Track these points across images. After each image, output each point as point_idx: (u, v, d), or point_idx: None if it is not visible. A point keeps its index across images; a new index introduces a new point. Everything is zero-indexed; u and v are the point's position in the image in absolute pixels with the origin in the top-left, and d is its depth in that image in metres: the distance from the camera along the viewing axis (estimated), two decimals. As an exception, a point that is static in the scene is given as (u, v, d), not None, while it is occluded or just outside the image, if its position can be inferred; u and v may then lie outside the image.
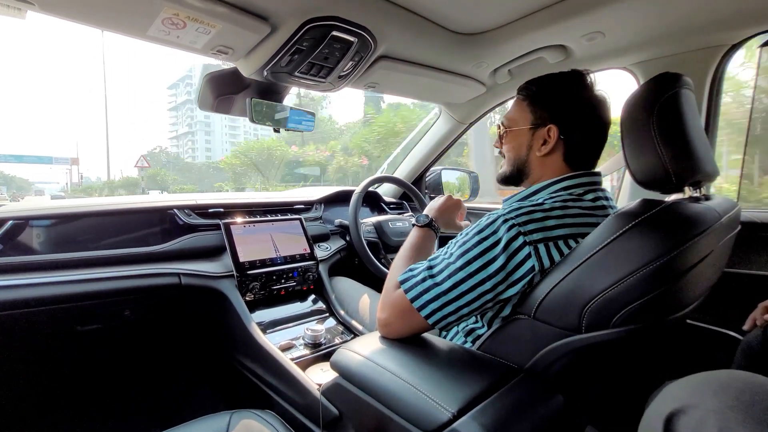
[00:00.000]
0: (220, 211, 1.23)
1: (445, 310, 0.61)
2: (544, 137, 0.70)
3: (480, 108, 1.51)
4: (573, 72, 0.71)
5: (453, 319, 0.62)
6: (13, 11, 0.68)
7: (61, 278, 0.92)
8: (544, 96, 0.71)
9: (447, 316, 0.62)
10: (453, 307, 0.61)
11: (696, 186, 0.64)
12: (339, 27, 0.83)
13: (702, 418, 0.30)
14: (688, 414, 0.32)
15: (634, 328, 0.52)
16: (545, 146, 0.70)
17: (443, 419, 0.50)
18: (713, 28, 0.92)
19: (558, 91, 0.70)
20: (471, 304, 0.61)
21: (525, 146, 0.73)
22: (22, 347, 1.02)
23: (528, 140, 0.73)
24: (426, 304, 0.62)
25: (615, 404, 0.80)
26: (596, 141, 0.71)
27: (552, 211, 0.62)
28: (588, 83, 0.70)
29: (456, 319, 0.63)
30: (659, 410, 0.34)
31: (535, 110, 0.72)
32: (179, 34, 0.78)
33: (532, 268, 0.58)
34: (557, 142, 0.70)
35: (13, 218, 0.94)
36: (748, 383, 0.32)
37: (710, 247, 0.55)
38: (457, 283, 0.61)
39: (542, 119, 0.71)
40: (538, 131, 0.71)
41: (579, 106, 0.69)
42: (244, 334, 1.01)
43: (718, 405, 0.30)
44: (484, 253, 0.60)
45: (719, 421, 0.29)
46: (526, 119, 0.73)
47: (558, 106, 0.70)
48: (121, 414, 1.23)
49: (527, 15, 0.92)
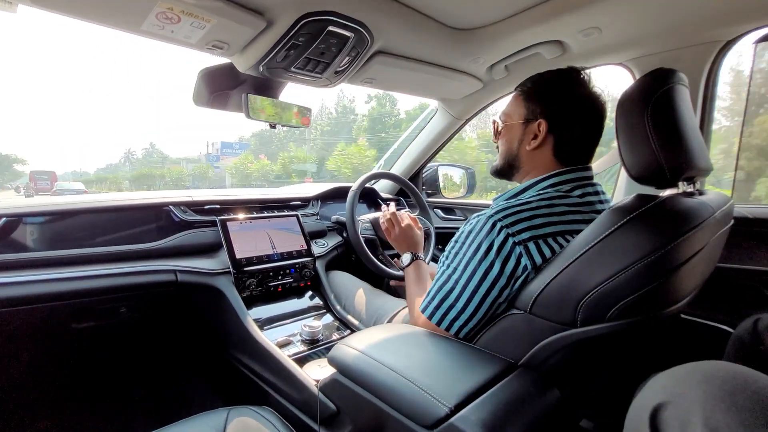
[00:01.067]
0: (216, 208, 1.23)
1: (470, 324, 0.66)
2: (534, 132, 0.72)
3: (477, 104, 1.51)
4: (567, 69, 0.72)
5: (473, 324, 0.66)
6: (4, 4, 0.67)
7: (56, 276, 0.91)
8: (537, 92, 0.72)
9: (474, 327, 0.66)
10: (476, 320, 0.66)
11: (690, 181, 0.64)
12: (335, 22, 0.83)
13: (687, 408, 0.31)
14: (673, 405, 0.32)
15: (629, 322, 0.53)
16: (535, 140, 0.72)
17: (441, 414, 0.50)
18: (709, 24, 0.93)
19: (550, 87, 0.71)
20: (489, 311, 0.65)
21: (517, 140, 0.75)
22: (16, 345, 1.01)
23: (520, 135, 0.74)
24: (452, 324, 0.67)
25: (610, 398, 0.81)
26: (588, 137, 0.71)
27: (538, 209, 0.64)
28: (581, 80, 0.70)
29: (476, 323, 0.66)
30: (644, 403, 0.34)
31: (528, 105, 0.73)
32: (174, 29, 0.77)
33: (526, 267, 0.61)
34: (546, 136, 0.71)
35: (6, 215, 0.93)
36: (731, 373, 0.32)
37: (704, 241, 0.56)
38: (470, 297, 0.65)
39: (534, 114, 0.72)
40: (529, 126, 0.73)
41: (570, 102, 0.70)
42: (242, 330, 1.01)
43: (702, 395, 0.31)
44: (481, 262, 0.63)
45: (704, 411, 0.30)
46: (519, 114, 0.74)
47: (549, 102, 0.71)
48: (118, 411, 1.22)
49: (524, 11, 0.92)
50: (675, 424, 0.31)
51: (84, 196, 1.13)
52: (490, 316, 0.65)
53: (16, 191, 27.80)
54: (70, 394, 1.17)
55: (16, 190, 28.33)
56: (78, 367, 1.17)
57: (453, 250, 0.69)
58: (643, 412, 0.34)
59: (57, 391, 1.15)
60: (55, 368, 1.13)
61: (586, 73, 0.71)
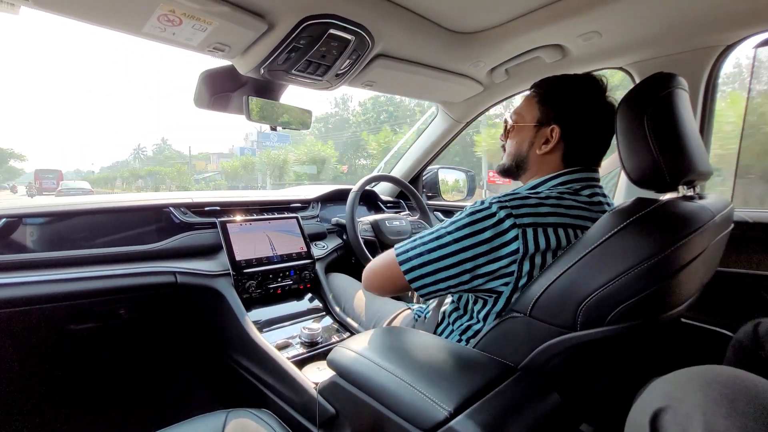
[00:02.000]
0: (216, 210, 1.23)
1: (425, 269, 0.65)
2: (546, 136, 0.71)
3: (477, 107, 1.51)
4: (586, 76, 0.72)
5: (430, 282, 0.65)
6: (6, 6, 0.68)
7: (55, 276, 0.91)
8: (553, 96, 0.72)
9: (424, 276, 0.65)
10: (432, 267, 0.64)
11: (690, 185, 0.65)
12: (336, 25, 0.83)
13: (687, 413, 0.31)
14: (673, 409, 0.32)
15: (629, 326, 0.53)
16: (546, 145, 0.71)
17: (440, 417, 0.50)
18: (709, 28, 0.93)
19: (567, 94, 0.71)
20: (449, 270, 0.63)
21: (527, 142, 0.74)
22: (16, 346, 1.01)
23: (531, 137, 0.74)
24: (412, 269, 0.66)
25: (609, 402, 0.80)
26: (598, 146, 0.71)
27: (547, 199, 0.63)
28: (599, 89, 0.70)
29: (434, 288, 0.65)
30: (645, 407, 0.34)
31: (542, 109, 0.73)
32: (175, 32, 0.77)
33: (516, 251, 0.60)
34: (558, 142, 0.70)
35: (6, 216, 0.93)
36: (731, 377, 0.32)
37: (703, 245, 0.56)
38: (442, 245, 0.64)
39: (547, 119, 0.71)
40: (541, 129, 0.72)
41: (585, 110, 0.69)
42: (241, 332, 1.00)
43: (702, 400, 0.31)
44: (473, 223, 0.63)
45: (704, 415, 0.30)
46: (532, 116, 0.74)
47: (564, 108, 0.70)
48: (117, 413, 1.22)
49: (524, 14, 0.92)
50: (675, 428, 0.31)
51: (84, 197, 1.13)
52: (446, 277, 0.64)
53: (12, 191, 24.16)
54: (69, 396, 1.17)
55: (11, 190, 24.54)
56: (77, 368, 1.17)
57: (451, 218, 0.68)
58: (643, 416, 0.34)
59: (55, 393, 1.14)
60: (53, 369, 1.13)
61: (604, 83, 0.71)
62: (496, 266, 0.61)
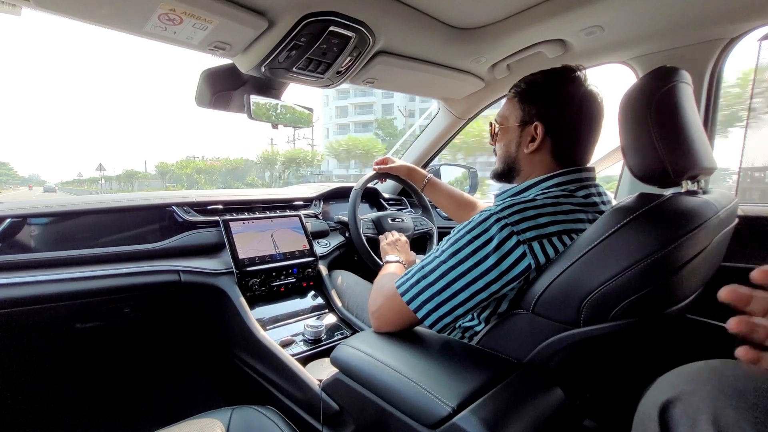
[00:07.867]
0: (218, 208, 1.23)
1: (440, 310, 0.62)
2: (531, 134, 0.71)
3: (479, 103, 1.51)
4: (562, 68, 0.71)
5: (449, 320, 0.63)
6: (8, 7, 0.68)
7: (60, 276, 0.91)
8: (532, 93, 0.71)
9: (443, 317, 0.62)
10: (447, 307, 0.62)
11: (694, 180, 0.64)
12: (337, 22, 0.83)
13: (696, 405, 0.31)
14: (682, 402, 0.32)
15: (633, 322, 0.53)
16: (533, 143, 0.71)
17: (443, 414, 0.50)
18: (712, 21, 0.92)
19: (544, 88, 0.70)
20: (465, 304, 0.61)
21: (514, 143, 0.74)
22: (21, 345, 1.02)
23: (517, 137, 0.73)
24: (421, 306, 0.63)
25: (613, 398, 0.80)
26: (585, 137, 0.70)
27: (544, 207, 0.62)
28: (575, 78, 0.69)
29: (452, 320, 0.63)
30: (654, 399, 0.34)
31: (523, 107, 0.72)
32: (176, 30, 0.77)
33: (529, 266, 0.59)
34: (544, 139, 0.70)
35: (11, 216, 0.94)
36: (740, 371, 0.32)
37: (707, 240, 0.56)
38: (450, 282, 0.61)
39: (529, 116, 0.71)
40: (526, 128, 0.71)
41: (565, 102, 0.68)
42: (244, 330, 1.01)
43: (711, 392, 0.31)
44: (475, 251, 0.60)
45: (713, 407, 0.30)
46: (516, 117, 0.73)
47: (544, 103, 0.70)
48: (122, 411, 1.23)
49: (526, 9, 0.92)
50: (684, 420, 0.31)
51: (88, 196, 1.13)
52: (464, 311, 0.61)
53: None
54: (75, 394, 1.18)
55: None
56: (82, 366, 1.18)
57: (449, 238, 0.65)
58: (652, 408, 0.34)
59: (61, 391, 1.16)
60: (59, 368, 1.14)
61: (581, 71, 0.70)
62: (513, 286, 0.60)
